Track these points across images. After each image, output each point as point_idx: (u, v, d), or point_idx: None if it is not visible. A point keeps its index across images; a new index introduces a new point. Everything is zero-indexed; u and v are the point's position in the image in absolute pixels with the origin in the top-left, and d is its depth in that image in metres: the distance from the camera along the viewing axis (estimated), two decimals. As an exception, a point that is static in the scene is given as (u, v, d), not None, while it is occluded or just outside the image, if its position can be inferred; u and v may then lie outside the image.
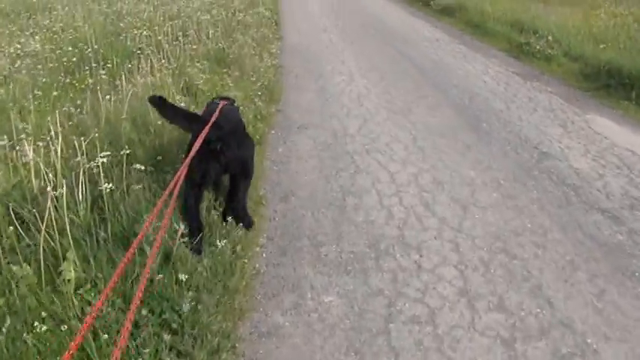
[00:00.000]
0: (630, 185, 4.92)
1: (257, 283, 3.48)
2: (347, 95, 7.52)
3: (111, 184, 3.44)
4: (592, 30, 10.62)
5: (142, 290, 2.04)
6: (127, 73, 6.68)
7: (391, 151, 5.58)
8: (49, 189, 3.10)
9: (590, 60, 8.94)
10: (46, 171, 3.66)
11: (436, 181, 4.97)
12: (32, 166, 3.56)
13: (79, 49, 8.35)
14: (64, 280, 2.92)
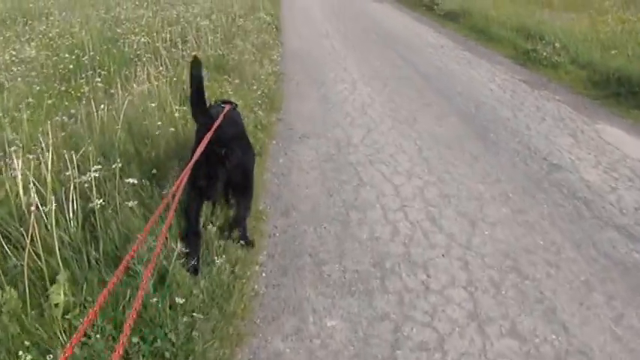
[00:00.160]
0: (644, 199, 4.75)
1: (256, 306, 3.29)
2: (350, 103, 7.35)
3: (102, 200, 3.26)
4: (599, 36, 10.44)
5: (133, 316, 1.89)
6: (124, 81, 6.52)
7: (396, 163, 5.41)
8: (34, 207, 2.93)
9: (599, 67, 8.76)
10: (36, 183, 3.50)
11: (443, 194, 4.79)
12: (20, 181, 3.38)
13: (75, 56, 8.20)
14: (52, 304, 2.75)
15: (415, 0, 17.11)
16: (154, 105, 5.04)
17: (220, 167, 3.46)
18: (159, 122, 4.62)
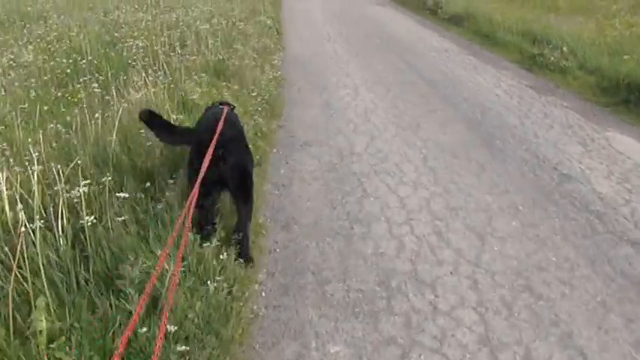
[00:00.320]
0: (660, 212, 4.56)
1: (255, 330, 3.11)
2: (353, 110, 7.17)
3: (93, 217, 3.09)
4: (607, 40, 10.25)
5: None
6: (122, 86, 6.35)
7: (401, 173, 5.23)
8: (21, 230, 2.75)
9: (607, 73, 8.56)
10: (25, 196, 3.33)
11: (449, 206, 4.61)
12: (5, 197, 3.21)
13: (72, 60, 8.05)
14: (35, 331, 2.57)
15: (418, 3, 16.93)
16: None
17: (216, 168, 3.35)
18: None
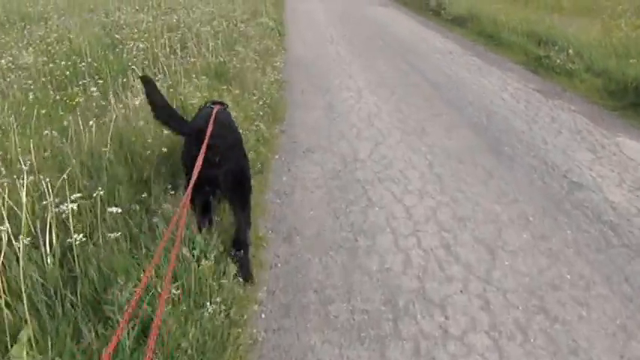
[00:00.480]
0: (677, 224, 4.37)
1: (254, 358, 2.93)
2: (356, 113, 6.99)
3: (83, 234, 2.91)
4: (613, 42, 10.05)
5: None
6: (120, 90, 6.19)
7: (406, 180, 5.05)
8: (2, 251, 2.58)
9: (615, 75, 8.37)
10: (15, 209, 3.16)
11: (457, 217, 4.43)
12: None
13: (72, 62, 7.89)
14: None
15: (421, 4, 16.76)
16: (145, 122, 4.68)
17: (208, 170, 3.18)
18: (149, 140, 4.26)
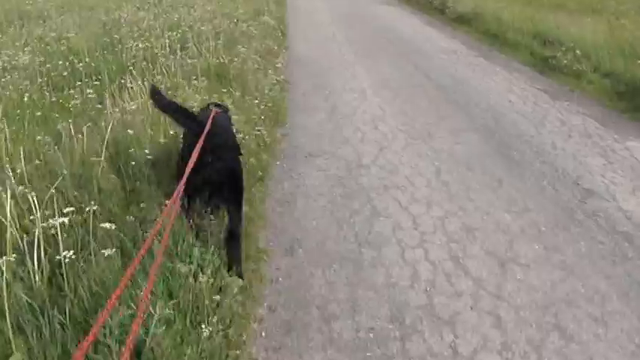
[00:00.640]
0: (695, 235, 4.20)
1: (253, 381, 2.78)
2: (360, 116, 6.83)
3: (73, 251, 2.75)
4: (619, 42, 9.87)
5: None
6: (117, 93, 6.03)
7: (412, 187, 4.88)
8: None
9: (623, 77, 8.21)
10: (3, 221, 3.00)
11: (466, 227, 4.26)
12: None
13: (70, 63, 7.74)
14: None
15: (425, 2, 16.58)
16: (142, 126, 4.52)
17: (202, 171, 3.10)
18: (145, 149, 4.09)
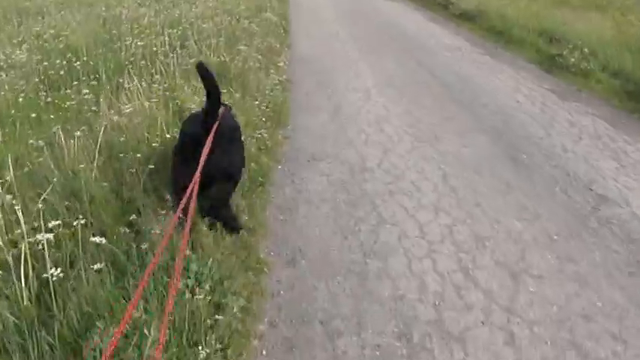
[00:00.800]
0: None
1: (253, 406, 2.62)
2: (364, 117, 6.65)
3: (60, 268, 2.59)
4: (626, 39, 9.67)
5: None
6: (114, 94, 5.86)
7: (419, 193, 4.71)
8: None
9: (632, 76, 8.04)
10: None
11: (475, 235, 4.09)
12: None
13: (67, 61, 7.57)
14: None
15: (429, -2, 16.39)
16: (133, 133, 4.35)
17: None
18: (139, 155, 3.92)
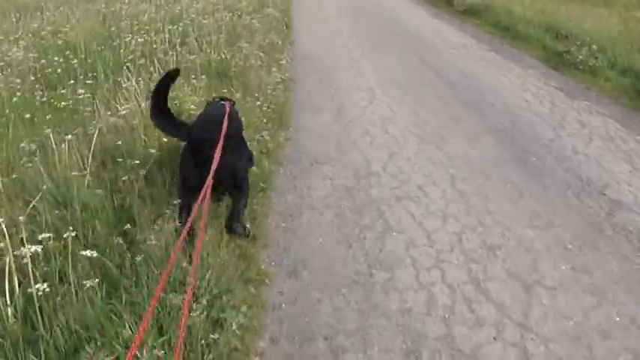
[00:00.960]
0: None
1: None
2: (368, 117, 6.46)
3: (47, 283, 2.43)
4: (634, 36, 9.48)
5: None
6: (113, 92, 5.69)
7: (426, 199, 4.54)
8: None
9: (642, 73, 7.87)
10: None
11: (486, 244, 3.92)
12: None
13: (65, 58, 7.39)
14: None
15: (433, -6, 16.17)
16: (129, 136, 4.19)
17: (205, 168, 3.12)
18: (137, 161, 3.75)
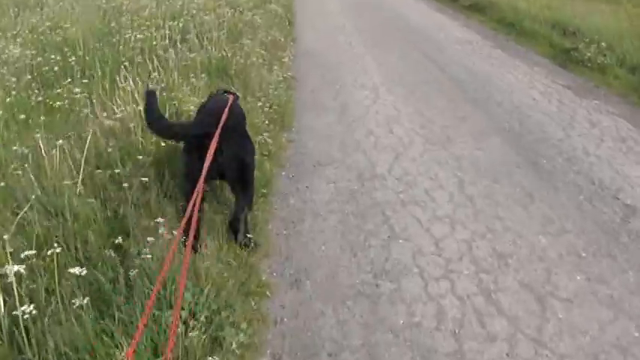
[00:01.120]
0: None
1: None
2: (372, 117, 6.29)
3: (33, 305, 2.28)
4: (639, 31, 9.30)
5: None
6: (110, 90, 5.53)
7: (433, 203, 4.38)
8: None
9: (651, 71, 7.70)
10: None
11: (496, 252, 3.76)
12: None
13: (63, 56, 7.23)
14: None
15: (438, -11, 15.97)
16: (125, 140, 4.03)
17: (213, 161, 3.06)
18: (131, 167, 3.60)
